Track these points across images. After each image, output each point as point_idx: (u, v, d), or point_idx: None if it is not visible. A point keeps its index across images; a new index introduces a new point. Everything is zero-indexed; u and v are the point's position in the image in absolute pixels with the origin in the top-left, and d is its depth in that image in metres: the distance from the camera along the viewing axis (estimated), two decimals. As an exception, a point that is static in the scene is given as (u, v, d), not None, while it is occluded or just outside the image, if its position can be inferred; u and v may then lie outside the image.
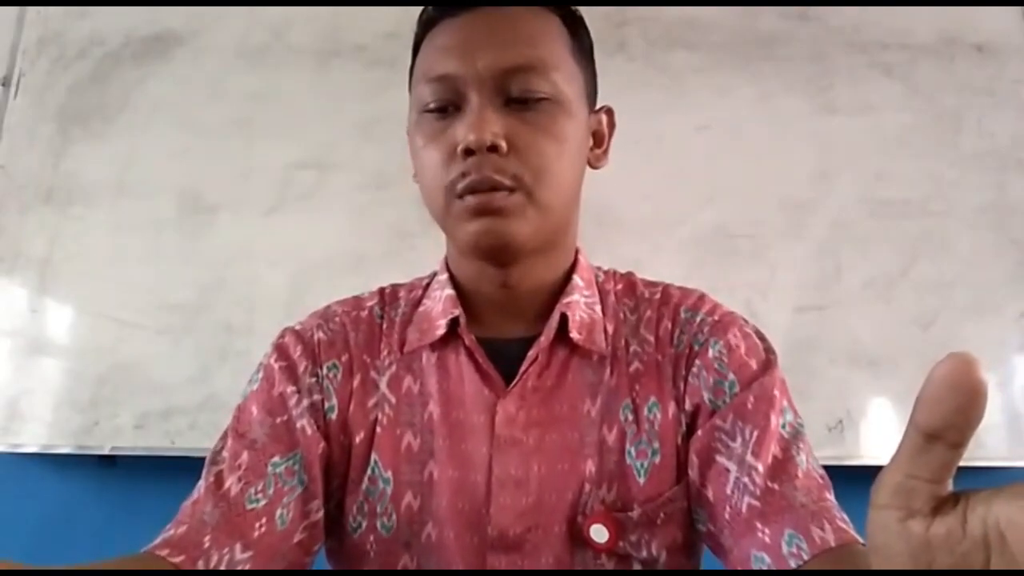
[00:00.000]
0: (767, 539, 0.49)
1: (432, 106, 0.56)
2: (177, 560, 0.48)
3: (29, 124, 1.51)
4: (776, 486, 0.51)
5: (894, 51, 1.46)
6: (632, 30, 1.48)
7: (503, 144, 0.52)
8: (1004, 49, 1.46)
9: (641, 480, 0.56)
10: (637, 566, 0.56)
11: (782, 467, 0.52)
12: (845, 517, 0.50)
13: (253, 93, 1.49)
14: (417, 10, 0.61)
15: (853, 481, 0.80)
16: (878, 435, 1.27)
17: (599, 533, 0.54)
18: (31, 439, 1.35)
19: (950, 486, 0.26)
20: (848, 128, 1.42)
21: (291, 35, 1.51)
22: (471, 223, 0.54)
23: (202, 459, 0.57)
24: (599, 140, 0.64)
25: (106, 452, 1.34)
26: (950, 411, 0.24)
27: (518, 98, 0.54)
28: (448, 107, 0.56)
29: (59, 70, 1.54)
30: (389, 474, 0.57)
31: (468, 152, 0.53)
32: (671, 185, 1.40)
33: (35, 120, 1.51)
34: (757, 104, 1.44)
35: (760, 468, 0.52)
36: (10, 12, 1.57)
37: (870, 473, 0.28)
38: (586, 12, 0.63)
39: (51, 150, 1.49)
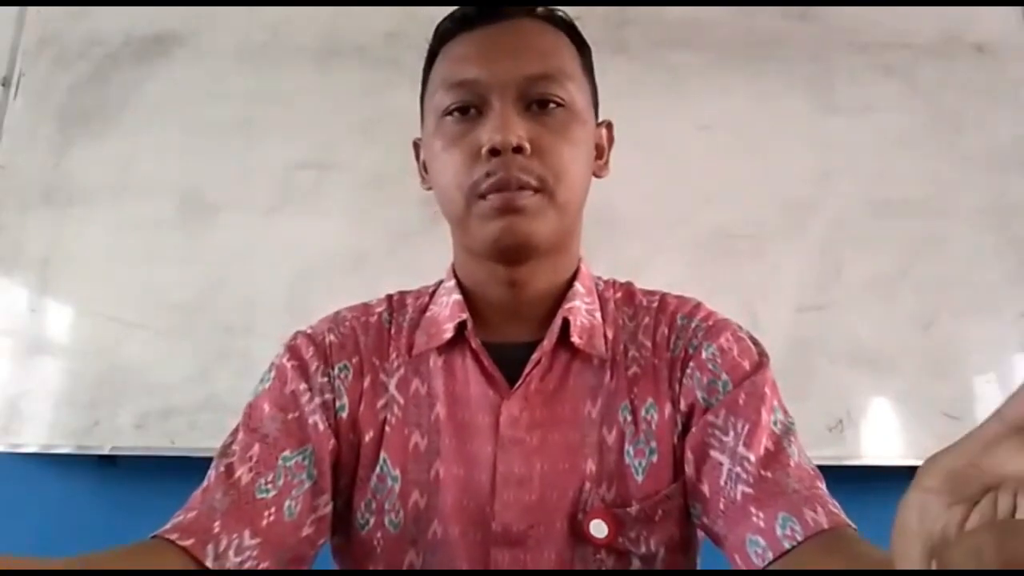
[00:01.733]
0: (761, 523, 0.51)
1: (454, 110, 0.58)
2: (186, 544, 0.49)
3: (29, 124, 1.51)
4: (769, 474, 0.53)
5: (894, 51, 1.46)
6: (633, 30, 1.48)
7: (527, 145, 0.55)
8: (1004, 49, 1.46)
9: (639, 478, 0.58)
10: (636, 561, 0.57)
11: (774, 457, 0.54)
12: (836, 504, 0.52)
13: (253, 93, 1.49)
14: (417, 10, 0.62)
15: (853, 481, 0.80)
16: (878, 435, 1.28)
17: (599, 529, 0.56)
18: (31, 439, 1.36)
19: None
20: (848, 128, 1.43)
21: (291, 35, 1.52)
22: (493, 222, 0.56)
23: (202, 459, 0.57)
24: (600, 152, 0.66)
25: (106, 452, 1.34)
26: None
27: (538, 104, 0.58)
28: (470, 112, 0.58)
29: (59, 70, 1.54)
30: (397, 472, 0.59)
31: (493, 153, 0.55)
32: (671, 185, 1.40)
33: (35, 120, 1.51)
34: (757, 104, 1.44)
35: (752, 458, 0.54)
36: (10, 12, 1.57)
37: (870, 473, 0.28)
38: (587, 12, 0.64)
39: (51, 150, 1.49)
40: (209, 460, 0.57)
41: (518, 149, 0.55)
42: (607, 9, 1.47)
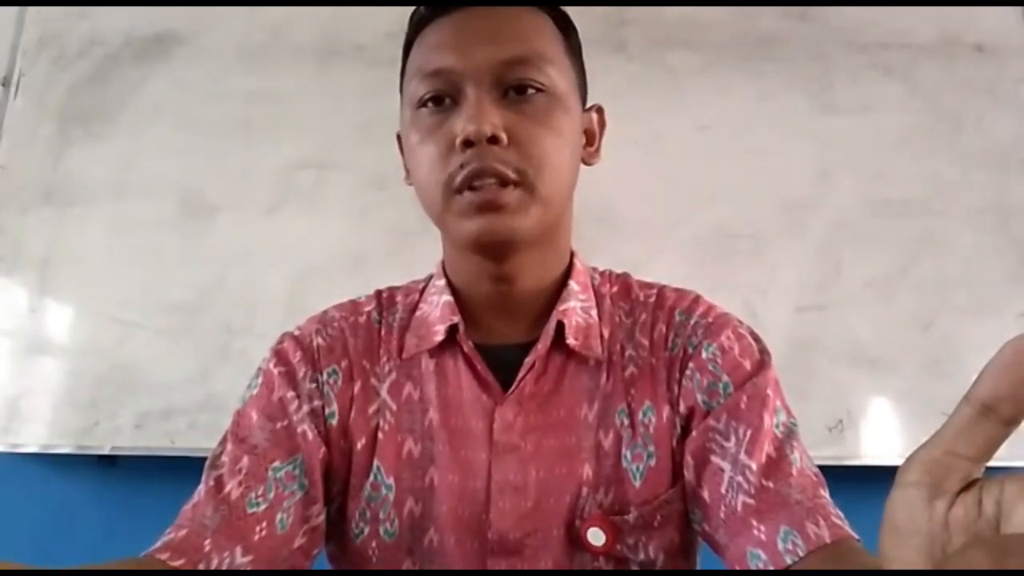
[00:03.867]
0: (763, 536, 0.50)
1: (428, 100, 0.56)
2: (177, 563, 0.48)
3: (29, 124, 1.51)
4: (771, 484, 0.51)
5: (894, 51, 1.46)
6: (632, 30, 1.48)
7: (503, 135, 0.52)
8: (1004, 49, 1.46)
9: (637, 483, 0.56)
10: (635, 568, 0.56)
11: (776, 465, 0.52)
12: (840, 514, 0.50)
13: (253, 93, 1.49)
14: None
15: (853, 481, 0.80)
16: (878, 435, 1.27)
17: (596, 536, 0.55)
18: (31, 439, 1.36)
19: (982, 471, 0.26)
20: (848, 128, 1.42)
21: (291, 35, 1.51)
22: (472, 220, 0.53)
23: (202, 459, 0.57)
24: (591, 138, 0.64)
25: (106, 452, 1.34)
26: (1017, 381, 0.24)
27: (515, 90, 0.54)
28: (444, 102, 0.55)
29: (59, 70, 1.54)
30: (391, 480, 0.58)
31: (467, 144, 0.52)
32: (671, 185, 1.40)
33: (35, 120, 1.51)
34: (757, 104, 1.44)
35: (754, 467, 0.52)
36: (10, 12, 1.57)
37: (870, 473, 0.28)
38: (586, 12, 0.63)
39: (51, 150, 1.49)
40: (210, 460, 0.57)
41: (493, 139, 0.52)
42: (606, 9, 1.47)
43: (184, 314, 1.38)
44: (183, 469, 0.72)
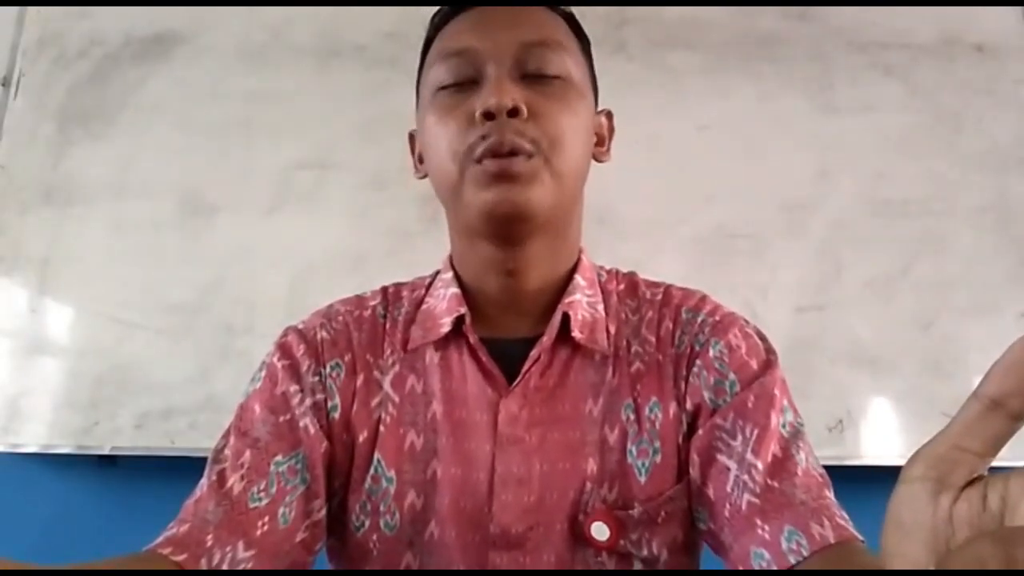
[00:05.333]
0: (767, 536, 0.50)
1: (449, 82, 0.57)
2: (179, 559, 0.48)
3: (29, 124, 1.51)
4: (776, 483, 0.51)
5: (894, 51, 1.46)
6: (632, 30, 1.48)
7: (523, 108, 0.53)
8: (1004, 49, 1.46)
9: (642, 479, 0.56)
10: (638, 565, 0.56)
11: (782, 465, 0.52)
12: (844, 514, 0.50)
13: (253, 93, 1.49)
14: (417, 10, 0.62)
15: (853, 481, 0.80)
16: (878, 435, 1.27)
17: (600, 531, 0.55)
18: (31, 439, 1.35)
19: (987, 468, 0.26)
20: (848, 128, 1.42)
21: (291, 35, 1.52)
22: (488, 190, 0.53)
23: (202, 459, 0.57)
24: (600, 140, 0.65)
25: (106, 452, 1.34)
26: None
27: (534, 73, 0.56)
28: (465, 82, 0.56)
29: (59, 70, 1.54)
30: (392, 473, 0.58)
31: (488, 117, 0.53)
32: (671, 185, 1.40)
33: (35, 120, 1.51)
34: (757, 104, 1.44)
35: (760, 466, 0.52)
36: (10, 12, 1.57)
37: (870, 473, 0.28)
38: (586, 12, 0.64)
39: (51, 150, 1.49)
40: (210, 460, 0.57)
41: (513, 112, 0.52)
42: (607, 9, 1.47)
43: (184, 314, 1.38)
44: (183, 469, 0.72)
